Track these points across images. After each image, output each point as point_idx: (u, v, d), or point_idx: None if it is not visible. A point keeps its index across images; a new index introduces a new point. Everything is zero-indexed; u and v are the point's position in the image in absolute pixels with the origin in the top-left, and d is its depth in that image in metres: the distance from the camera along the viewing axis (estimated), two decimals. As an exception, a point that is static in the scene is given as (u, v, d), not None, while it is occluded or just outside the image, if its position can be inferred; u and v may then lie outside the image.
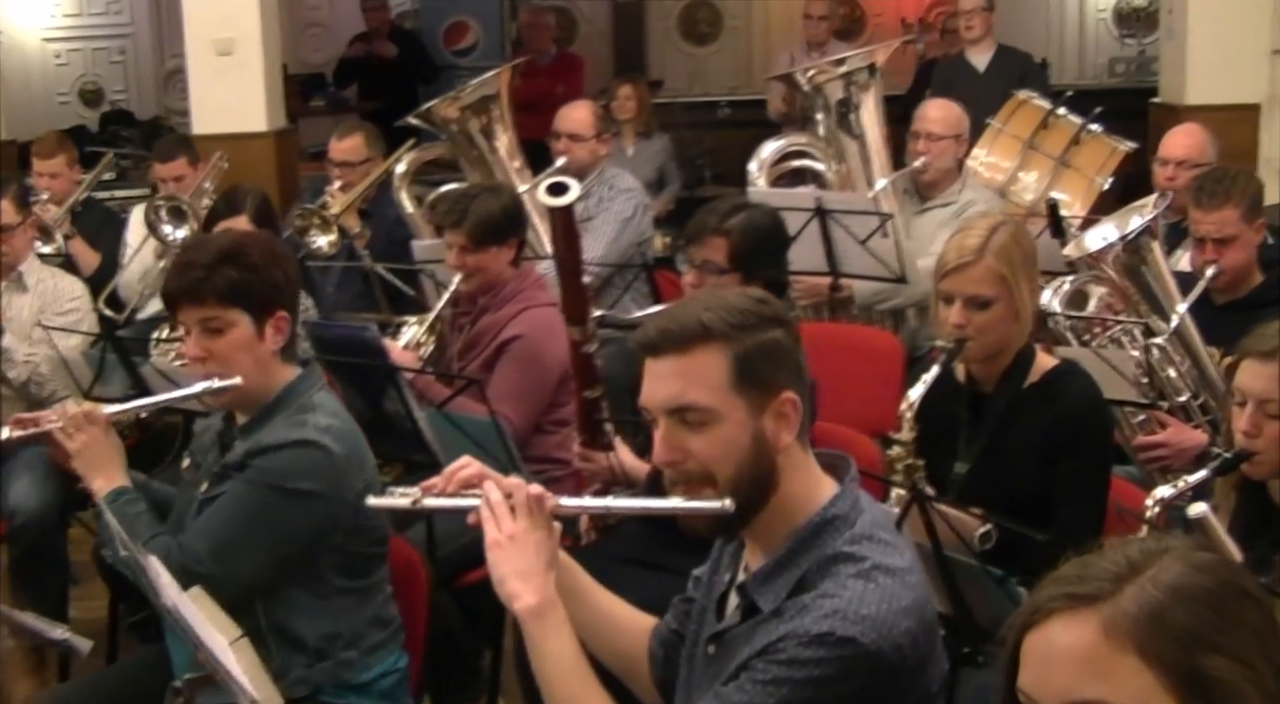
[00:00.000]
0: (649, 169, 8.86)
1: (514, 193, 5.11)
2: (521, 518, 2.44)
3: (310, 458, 3.27)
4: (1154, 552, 1.56)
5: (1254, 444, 3.10)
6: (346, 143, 6.73)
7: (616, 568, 3.87)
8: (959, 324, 3.59)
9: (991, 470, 3.66)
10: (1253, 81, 8.05)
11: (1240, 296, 4.63)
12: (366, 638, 3.41)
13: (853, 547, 2.34)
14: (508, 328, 4.73)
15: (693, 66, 12.86)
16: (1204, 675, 1.48)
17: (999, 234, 3.61)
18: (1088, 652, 1.51)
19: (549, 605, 2.42)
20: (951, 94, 6.87)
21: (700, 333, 2.35)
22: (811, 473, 2.45)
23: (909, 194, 6.21)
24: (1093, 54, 12.22)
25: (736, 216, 4.01)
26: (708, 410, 2.34)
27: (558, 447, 4.59)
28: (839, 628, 2.24)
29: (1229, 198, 4.57)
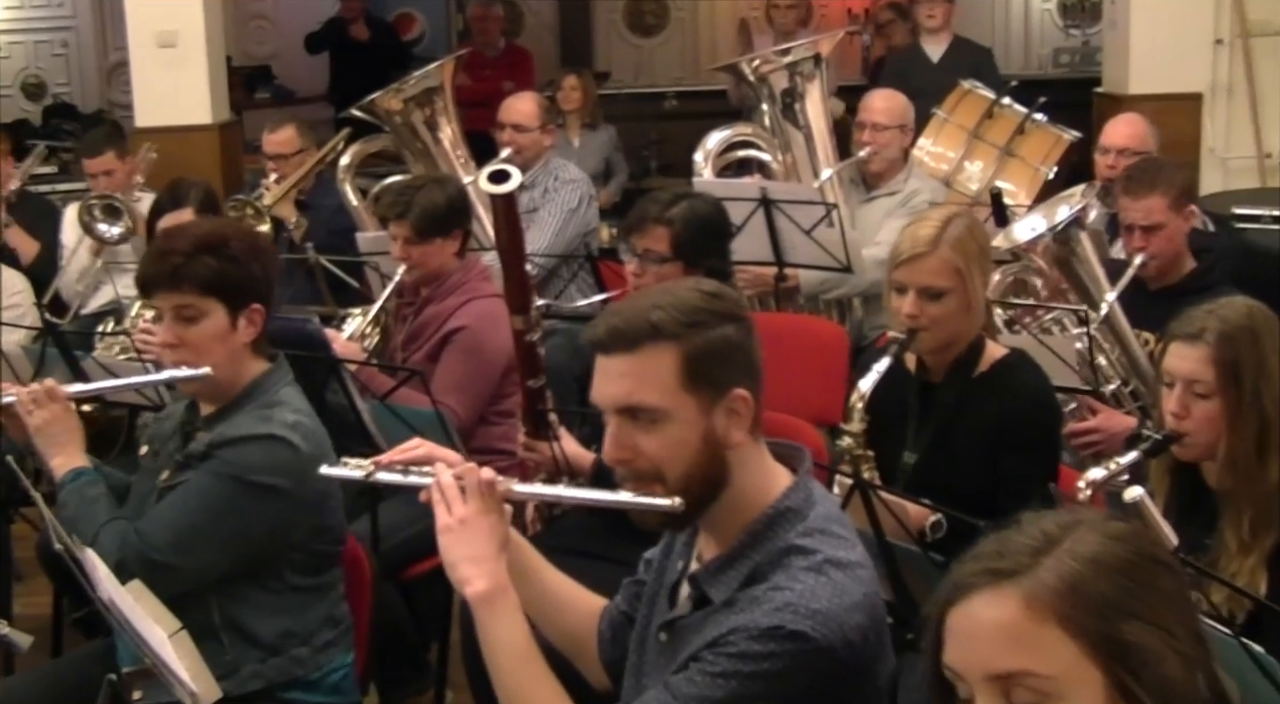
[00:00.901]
0: (595, 160, 8.87)
1: (459, 184, 5.10)
2: (473, 501, 2.43)
3: (276, 453, 3.27)
4: (1069, 524, 1.59)
5: (1183, 426, 3.14)
6: (279, 135, 6.70)
7: (561, 559, 3.83)
8: (912, 315, 3.59)
9: (940, 460, 3.67)
10: (1195, 71, 8.11)
11: (1172, 283, 4.65)
12: (319, 636, 3.40)
13: (805, 539, 2.34)
14: (452, 319, 4.72)
15: (639, 58, 12.87)
16: (1123, 642, 1.52)
17: (954, 226, 3.61)
18: (1010, 625, 1.54)
19: (500, 591, 2.41)
20: (905, 83, 6.89)
21: (650, 332, 2.32)
22: (765, 466, 2.44)
23: (855, 184, 6.22)
24: (1038, 44, 12.29)
25: (678, 206, 4.02)
26: (657, 410, 2.33)
27: (502, 438, 4.58)
28: (789, 622, 2.23)
29: (1155, 186, 4.59)
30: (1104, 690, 1.52)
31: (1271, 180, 8.00)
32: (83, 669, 3.51)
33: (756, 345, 2.42)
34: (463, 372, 4.63)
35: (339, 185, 6.69)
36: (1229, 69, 8.10)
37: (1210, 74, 8.11)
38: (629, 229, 4.12)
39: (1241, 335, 3.12)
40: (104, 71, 12.59)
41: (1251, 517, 3.09)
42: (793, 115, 6.18)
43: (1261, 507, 3.09)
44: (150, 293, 3.36)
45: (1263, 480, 3.09)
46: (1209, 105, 8.12)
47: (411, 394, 4.31)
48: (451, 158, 6.51)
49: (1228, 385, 3.09)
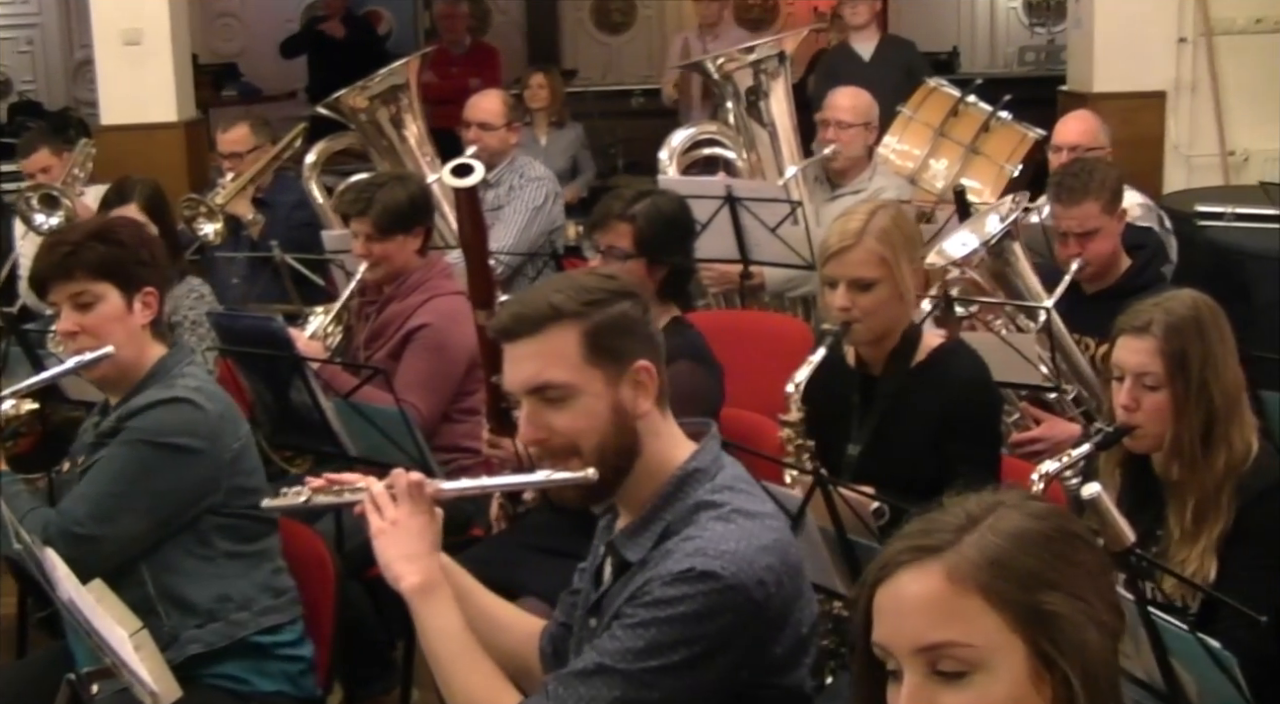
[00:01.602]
0: (562, 158, 8.87)
1: (421, 181, 5.09)
2: (403, 504, 2.53)
3: (183, 414, 3.34)
4: (991, 504, 1.65)
5: (1134, 418, 3.21)
6: (232, 134, 6.66)
7: (525, 556, 3.90)
8: (844, 307, 3.63)
9: (883, 451, 3.71)
10: (1159, 69, 8.15)
11: (1110, 284, 4.64)
12: (257, 601, 3.45)
13: (714, 495, 2.45)
14: (414, 317, 4.71)
15: (606, 56, 12.87)
16: (1044, 611, 1.57)
17: (878, 217, 3.65)
18: (935, 598, 1.58)
19: (434, 584, 2.50)
20: (838, 81, 6.90)
21: (550, 313, 2.44)
22: (673, 436, 2.55)
23: (819, 181, 6.24)
24: (1003, 43, 12.34)
25: (642, 203, 4.01)
26: (565, 386, 2.43)
27: (466, 435, 4.57)
28: (699, 563, 2.32)
29: (1087, 192, 4.56)
30: (1026, 659, 1.57)
31: (1235, 178, 8.05)
32: (45, 669, 3.51)
33: (653, 321, 2.55)
34: (426, 370, 4.63)
35: (305, 183, 6.68)
36: (1193, 67, 8.14)
37: (1174, 72, 8.15)
38: (592, 225, 4.12)
39: (1188, 327, 3.19)
40: (69, 69, 12.53)
41: (1196, 505, 3.16)
42: (757, 113, 6.20)
43: (1207, 495, 3.16)
44: (45, 289, 3.42)
45: (1209, 469, 3.17)
46: (1173, 103, 8.16)
47: (375, 392, 4.30)
48: (417, 155, 6.50)
49: (1175, 376, 3.16)
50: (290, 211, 6.58)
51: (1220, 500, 3.14)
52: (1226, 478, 3.15)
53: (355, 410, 4.13)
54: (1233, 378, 3.23)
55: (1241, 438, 3.19)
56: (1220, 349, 3.20)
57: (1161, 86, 8.16)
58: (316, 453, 4.51)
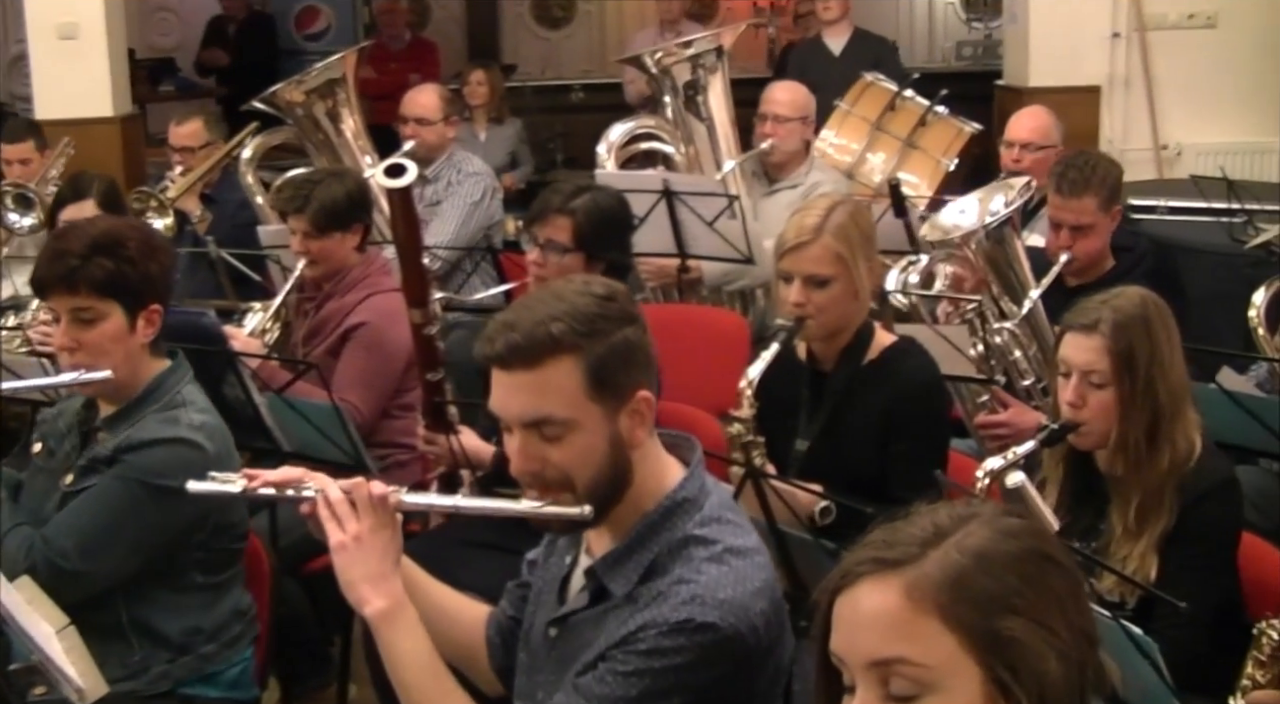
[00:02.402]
0: (501, 154, 8.87)
1: (358, 178, 5.06)
2: (365, 517, 2.40)
3: (183, 456, 3.23)
4: (962, 518, 1.60)
5: (1079, 415, 3.20)
6: (185, 128, 6.64)
7: (463, 551, 3.89)
8: (798, 303, 3.62)
9: (831, 447, 3.71)
10: (1093, 64, 8.22)
11: (1092, 280, 4.66)
12: (227, 630, 3.40)
13: (703, 529, 2.36)
14: (352, 314, 4.69)
15: (546, 51, 12.84)
16: (1002, 637, 1.52)
17: (837, 213, 3.64)
18: (891, 614, 1.54)
19: (399, 607, 2.41)
20: (807, 77, 6.93)
21: (551, 346, 2.29)
22: (660, 459, 2.45)
23: (757, 176, 6.25)
24: (941, 37, 12.37)
25: (581, 197, 4.02)
26: (565, 422, 2.30)
27: (404, 431, 4.56)
28: (698, 614, 2.25)
29: (1089, 187, 4.61)
30: (981, 685, 1.53)
31: (1169, 172, 8.12)
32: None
33: (651, 340, 2.41)
34: (364, 367, 4.61)
35: (240, 177, 6.64)
36: (1126, 62, 8.22)
37: (1108, 67, 8.22)
38: (531, 219, 4.12)
39: (1135, 325, 3.18)
40: (3, 64, 12.39)
41: (1140, 502, 3.15)
42: (695, 107, 6.22)
43: (1151, 493, 3.16)
44: (46, 295, 3.30)
45: (1154, 467, 3.16)
46: (1107, 98, 8.23)
47: (312, 388, 4.29)
48: (354, 150, 6.48)
49: (1122, 375, 3.16)
50: (236, 210, 6.55)
51: (1163, 499, 3.14)
52: (1170, 476, 3.15)
53: (289, 406, 4.12)
54: (1178, 376, 3.23)
55: (1185, 436, 3.19)
56: (1167, 348, 3.20)
57: (1096, 81, 8.23)
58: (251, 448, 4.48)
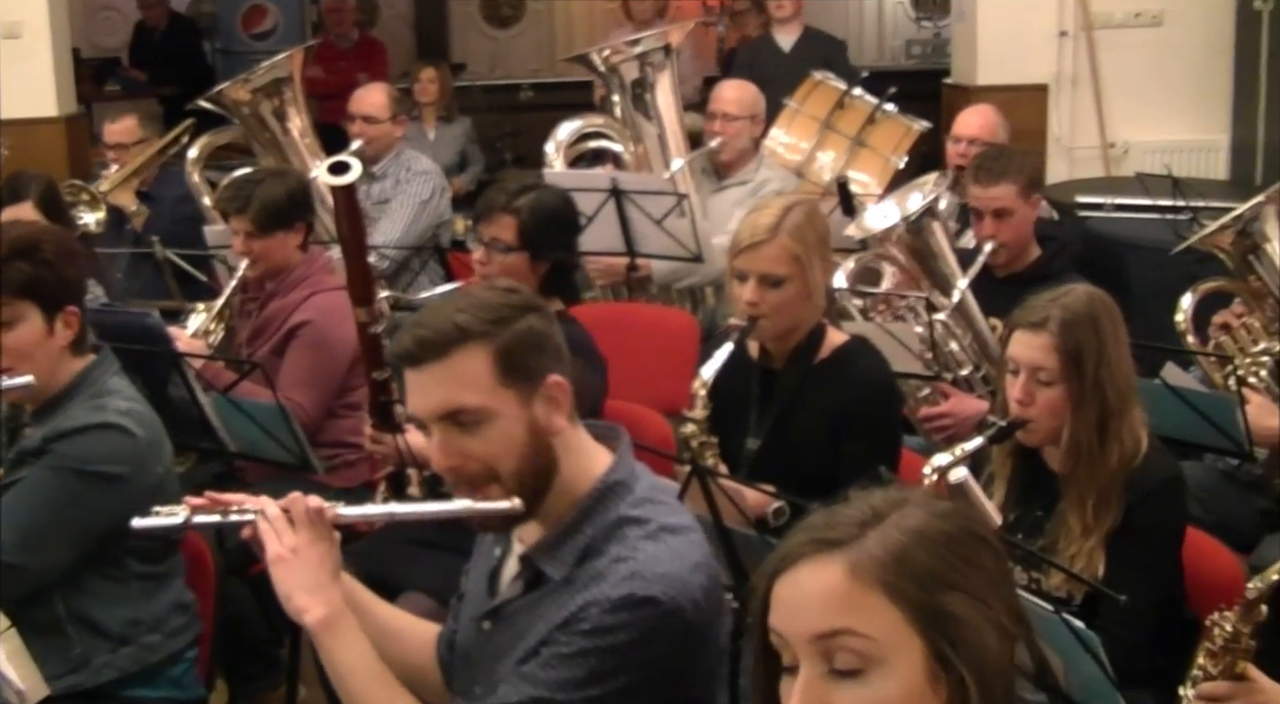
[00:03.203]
0: (450, 153, 8.86)
1: (300, 177, 5.04)
2: (302, 530, 2.42)
3: (113, 441, 3.24)
4: (897, 501, 1.63)
5: (1027, 412, 3.21)
6: (119, 125, 6.59)
7: (408, 551, 3.88)
8: (752, 302, 3.63)
9: (782, 446, 3.72)
10: (1041, 63, 8.26)
11: (1019, 270, 4.74)
12: (168, 622, 3.39)
13: (636, 510, 2.39)
14: (296, 313, 4.67)
15: (495, 50, 12.83)
16: (944, 612, 1.55)
17: (793, 214, 3.64)
18: (834, 590, 1.56)
19: (339, 616, 2.41)
20: (756, 74, 6.95)
21: (457, 336, 2.33)
22: (586, 447, 2.48)
23: (706, 174, 6.27)
24: (890, 36, 12.42)
25: (526, 196, 4.01)
26: (480, 410, 2.33)
27: (350, 431, 4.54)
28: (639, 589, 2.27)
29: (1005, 174, 4.67)
30: (923, 659, 1.55)
31: (1116, 169, 8.17)
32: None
33: (559, 332, 2.46)
34: (308, 366, 4.59)
35: (187, 177, 6.60)
36: (1073, 60, 8.26)
37: (1055, 65, 8.26)
38: (476, 217, 4.11)
39: (1083, 323, 3.19)
40: (-53, 64, 12.29)
41: (1094, 500, 3.17)
42: (644, 106, 6.22)
43: (1100, 491, 3.17)
44: None
45: (1104, 465, 3.18)
46: (1054, 96, 8.27)
47: (256, 389, 4.27)
48: (301, 149, 6.46)
49: (1070, 373, 3.17)
50: (174, 206, 6.51)
51: (1111, 497, 3.16)
52: (1118, 474, 3.17)
53: (234, 406, 4.10)
54: (1126, 374, 3.24)
55: (1132, 434, 3.21)
56: (1114, 346, 3.21)
57: (1043, 79, 8.27)
58: (197, 449, 4.46)
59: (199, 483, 4.12)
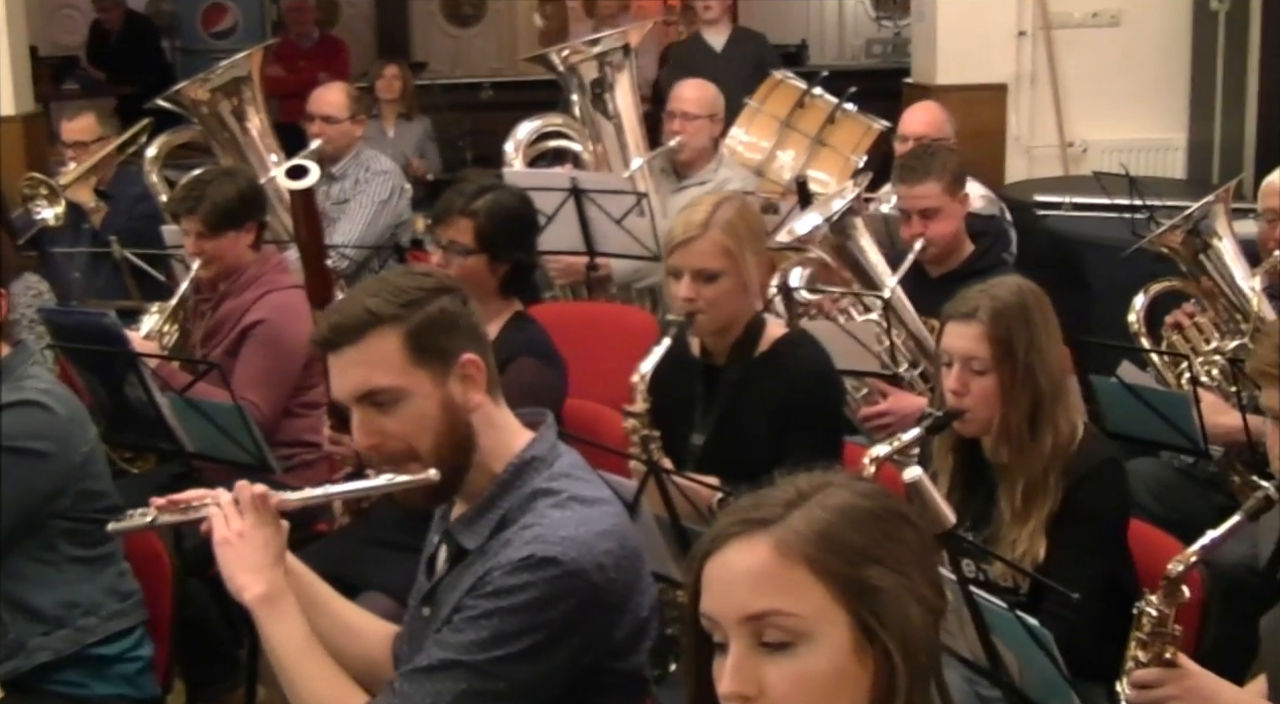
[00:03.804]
0: (410, 151, 8.85)
1: (250, 176, 5.03)
2: (248, 515, 2.52)
3: (34, 417, 3.26)
4: (821, 482, 1.69)
5: (962, 402, 3.28)
6: (78, 123, 6.56)
7: (369, 551, 3.88)
8: (688, 298, 3.66)
9: (726, 440, 3.74)
10: (1000, 62, 8.29)
11: (953, 268, 4.77)
12: (104, 606, 3.39)
13: (551, 483, 2.48)
14: (249, 313, 4.66)
15: (456, 48, 12.83)
16: (868, 585, 1.61)
17: (724, 209, 3.69)
18: (763, 569, 1.61)
19: (278, 594, 2.50)
20: (689, 73, 6.95)
21: (369, 320, 2.43)
22: (509, 426, 2.56)
23: (665, 173, 6.28)
24: (851, 35, 12.48)
25: (483, 198, 4.00)
26: (393, 390, 2.43)
27: (308, 430, 4.54)
28: (539, 550, 2.34)
29: (929, 172, 4.71)
30: (850, 631, 1.59)
31: (1074, 168, 8.21)
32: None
33: (475, 312, 2.56)
34: (263, 366, 4.58)
35: (146, 177, 6.58)
36: (1032, 59, 8.30)
37: (1014, 65, 8.30)
38: (434, 220, 4.11)
39: (1013, 312, 3.26)
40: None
41: (1025, 486, 3.23)
42: (603, 105, 6.23)
43: (1035, 476, 3.23)
44: None
45: (1037, 452, 3.24)
46: (1013, 95, 8.31)
47: (212, 389, 4.26)
48: (260, 149, 6.43)
49: (1002, 361, 3.23)
50: (133, 205, 6.49)
51: (1048, 482, 3.22)
52: (1054, 460, 3.23)
53: (191, 406, 4.09)
54: (1057, 362, 3.30)
55: (1067, 420, 3.28)
56: (1045, 334, 3.28)
57: (1002, 79, 8.31)
58: (156, 450, 4.45)
59: (158, 484, 4.13)
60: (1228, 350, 4.29)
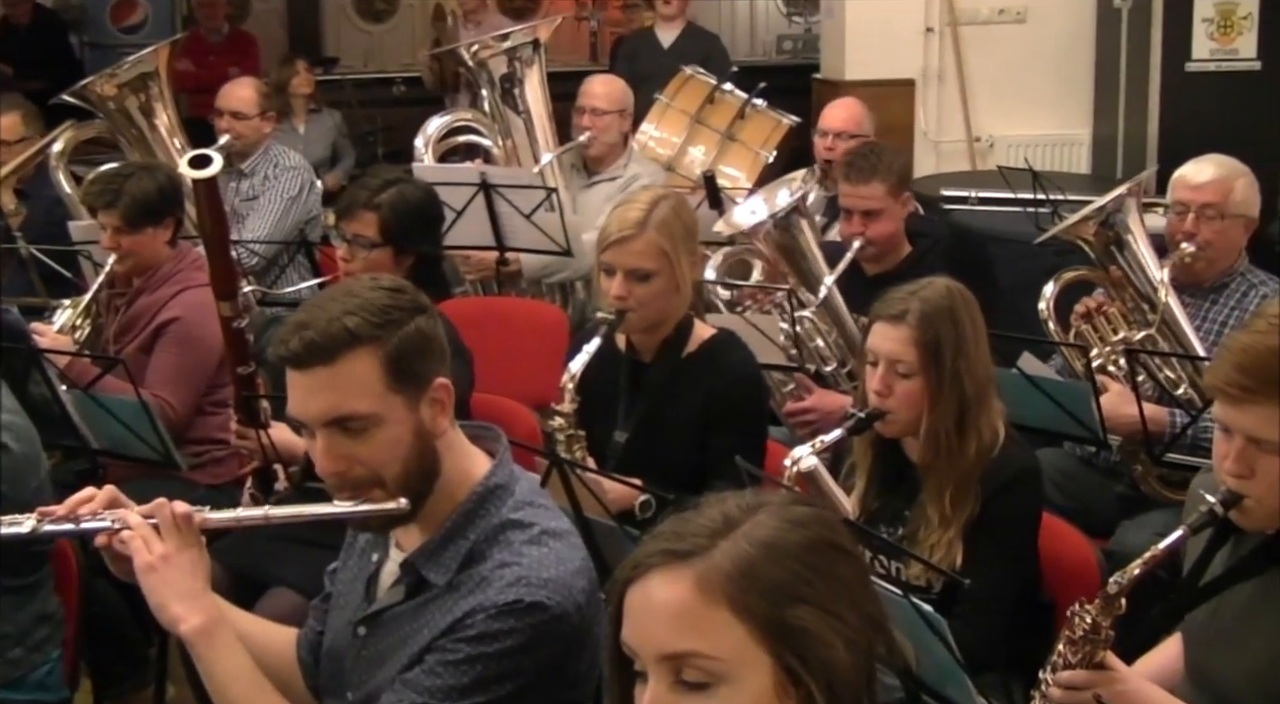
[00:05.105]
0: (322, 145, 8.86)
1: (169, 171, 4.98)
2: (170, 538, 2.37)
3: None
4: (750, 507, 1.63)
5: (886, 403, 3.25)
6: (2, 122, 6.49)
7: (276, 547, 3.87)
8: (620, 296, 3.64)
9: (650, 439, 3.73)
10: (908, 58, 8.40)
11: (890, 268, 4.79)
12: (32, 635, 3.34)
13: (518, 513, 2.39)
14: (164, 310, 4.62)
15: (368, 44, 12.76)
16: (791, 626, 1.56)
17: (660, 208, 3.66)
18: (682, 606, 1.56)
19: (215, 624, 2.39)
20: (636, 68, 6.98)
21: (346, 340, 2.28)
22: (464, 448, 2.46)
23: (576, 168, 6.29)
24: (763, 31, 12.52)
25: (388, 191, 4.00)
26: (369, 417, 2.30)
27: (219, 427, 4.50)
28: (526, 595, 2.27)
29: (875, 173, 4.73)
30: (772, 673, 1.55)
31: (981, 163, 8.32)
32: None
33: (443, 330, 2.44)
34: (177, 363, 4.56)
35: (52, 172, 6.51)
36: (939, 56, 8.40)
37: (922, 61, 8.41)
38: (339, 215, 4.11)
39: (942, 316, 3.23)
40: None
41: (952, 491, 3.21)
42: (512, 101, 6.22)
43: (961, 481, 3.21)
44: None
45: (962, 456, 3.22)
46: (921, 91, 8.42)
47: (124, 385, 4.23)
48: (168, 144, 6.37)
49: (929, 365, 3.21)
50: (51, 206, 6.41)
51: (970, 488, 3.20)
52: (977, 465, 3.21)
53: (96, 402, 4.06)
54: (984, 367, 3.28)
55: (990, 426, 3.25)
56: (973, 338, 3.25)
57: (910, 75, 8.41)
58: (60, 447, 4.41)
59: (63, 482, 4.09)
60: (1135, 340, 4.34)
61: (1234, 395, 2.49)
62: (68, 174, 6.52)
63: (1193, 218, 4.37)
